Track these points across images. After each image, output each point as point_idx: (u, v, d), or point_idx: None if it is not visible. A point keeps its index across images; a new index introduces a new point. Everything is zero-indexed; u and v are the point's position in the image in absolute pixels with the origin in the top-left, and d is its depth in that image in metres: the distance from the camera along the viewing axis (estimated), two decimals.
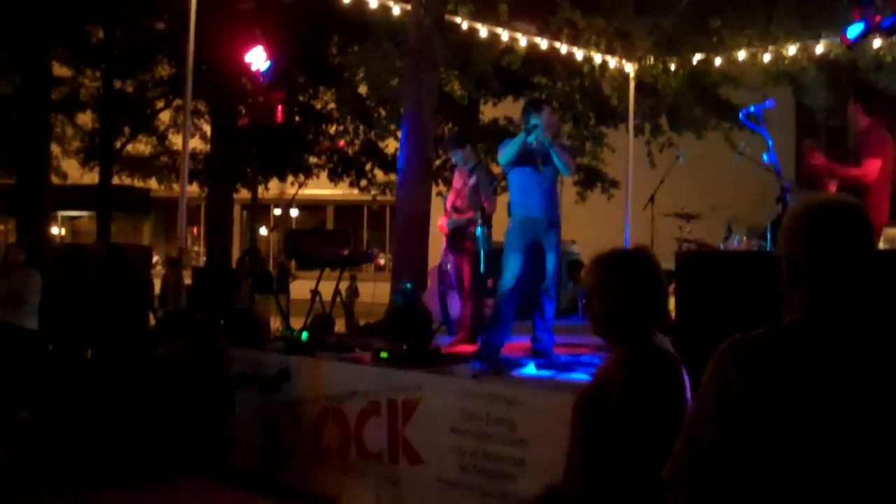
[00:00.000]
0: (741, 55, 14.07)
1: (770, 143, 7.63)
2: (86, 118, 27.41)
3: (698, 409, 2.41)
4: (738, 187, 19.01)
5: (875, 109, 7.67)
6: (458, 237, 9.21)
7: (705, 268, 4.83)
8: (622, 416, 3.08)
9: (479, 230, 8.14)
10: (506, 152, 7.95)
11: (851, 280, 2.34)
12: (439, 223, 9.49)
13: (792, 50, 13.70)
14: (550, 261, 7.95)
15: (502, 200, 9.19)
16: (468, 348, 8.20)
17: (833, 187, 7.61)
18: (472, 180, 8.99)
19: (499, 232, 8.55)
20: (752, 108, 8.31)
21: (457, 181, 9.50)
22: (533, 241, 7.92)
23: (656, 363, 3.20)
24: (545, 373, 7.00)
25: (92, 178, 26.37)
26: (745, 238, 9.30)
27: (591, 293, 3.32)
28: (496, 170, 9.73)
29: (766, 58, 13.93)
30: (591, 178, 25.60)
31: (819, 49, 13.44)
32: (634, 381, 3.13)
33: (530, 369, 7.12)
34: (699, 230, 10.66)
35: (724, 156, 15.25)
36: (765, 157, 7.78)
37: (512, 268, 7.81)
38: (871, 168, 7.34)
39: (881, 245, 8.91)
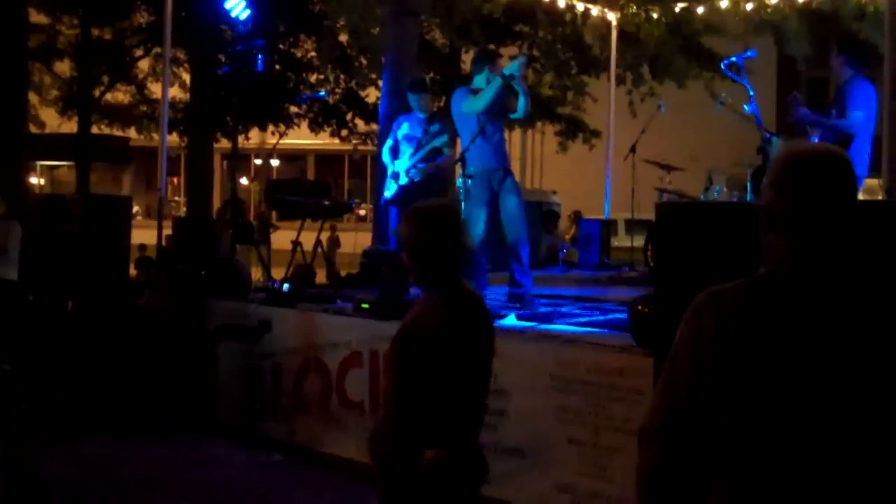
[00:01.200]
0: (723, 3, 14.00)
1: (752, 93, 7.62)
2: (63, 66, 27.08)
3: (673, 363, 2.39)
4: (720, 137, 19.03)
5: (860, 61, 7.68)
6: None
7: (684, 218, 4.84)
8: (437, 352, 3.45)
9: (459, 181, 8.13)
10: (482, 101, 7.96)
11: (833, 230, 2.32)
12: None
13: None
14: (514, 204, 8.04)
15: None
16: None
17: (815, 139, 7.63)
18: (434, 130, 9.10)
19: None
20: (733, 58, 8.30)
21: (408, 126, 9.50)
22: (494, 191, 8.05)
23: (466, 304, 3.61)
24: (526, 324, 7.02)
25: (70, 127, 26.14)
26: (725, 189, 9.32)
27: (404, 244, 3.70)
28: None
29: (749, 6, 13.87)
30: (572, 128, 25.49)
31: None
32: (448, 319, 3.52)
33: (510, 320, 7.15)
34: (680, 180, 10.69)
35: (705, 106, 15.20)
36: (746, 107, 7.78)
37: (479, 220, 7.89)
38: (856, 120, 7.37)
39: (861, 196, 8.95)
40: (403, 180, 9.27)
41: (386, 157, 9.59)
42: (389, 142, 9.65)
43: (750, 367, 2.23)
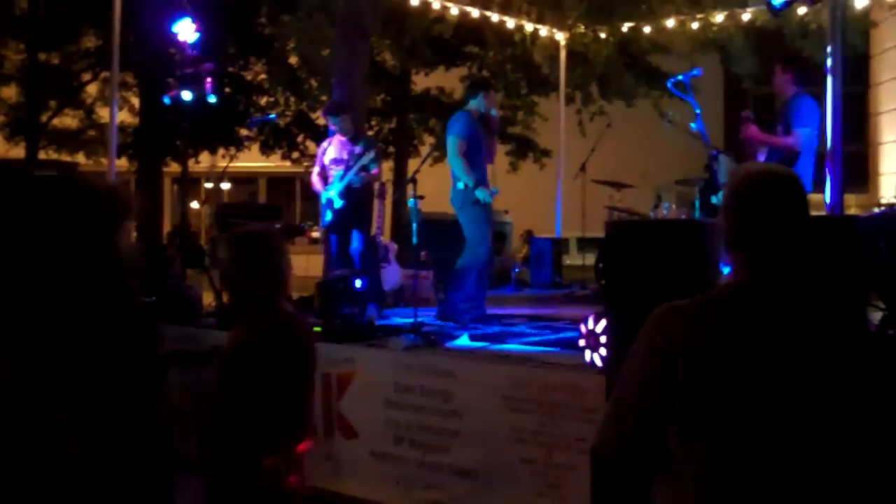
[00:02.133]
0: (670, 23, 14.17)
1: (698, 111, 7.70)
2: (10, 91, 26.75)
3: (625, 377, 2.50)
4: (669, 155, 19.19)
5: (804, 78, 7.80)
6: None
7: (633, 236, 4.87)
8: (254, 372, 3.71)
9: (411, 201, 8.14)
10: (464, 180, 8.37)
11: (785, 246, 2.45)
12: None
13: (720, 17, 13.83)
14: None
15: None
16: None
17: (762, 156, 7.73)
18: (359, 150, 9.17)
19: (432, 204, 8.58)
20: (680, 77, 8.38)
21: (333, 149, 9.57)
22: None
23: (281, 326, 3.82)
24: (478, 344, 7.02)
25: (18, 152, 25.82)
26: (674, 206, 9.39)
27: (224, 268, 3.95)
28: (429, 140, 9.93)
29: (695, 25, 14.04)
30: (522, 148, 25.65)
31: (746, 16, 13.59)
32: (263, 342, 3.74)
33: (463, 340, 7.15)
34: (630, 198, 10.77)
35: (654, 124, 15.36)
36: (692, 125, 7.85)
37: (488, 240, 8.34)
38: (802, 136, 7.49)
39: None
40: (338, 204, 9.29)
41: (316, 183, 9.62)
42: (316, 169, 9.68)
43: (703, 377, 2.32)
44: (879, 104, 16.44)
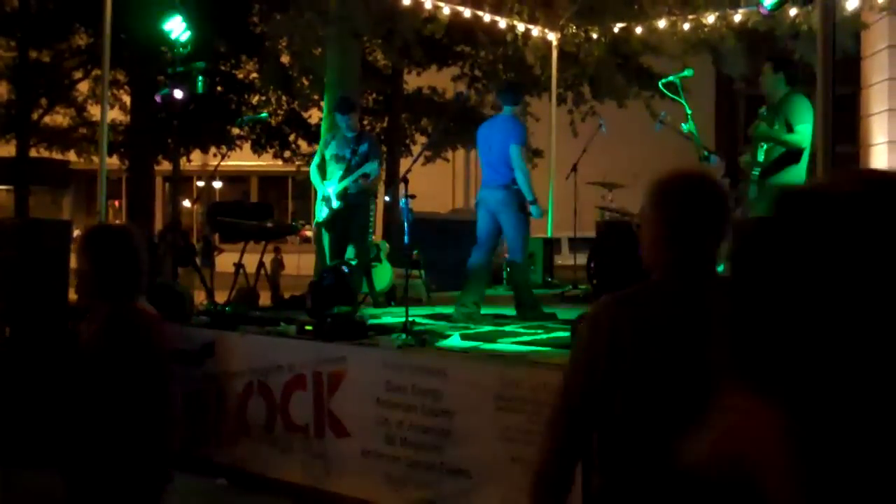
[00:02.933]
0: (661, 23, 14.19)
1: (689, 112, 7.72)
2: (1, 89, 26.76)
3: (573, 362, 2.80)
4: (661, 155, 19.21)
5: (796, 78, 7.83)
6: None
7: (623, 236, 4.89)
8: (98, 366, 3.80)
9: (403, 201, 8.15)
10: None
11: (703, 243, 2.68)
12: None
13: (711, 18, 13.87)
14: None
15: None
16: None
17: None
18: (363, 149, 9.23)
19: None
20: (671, 77, 8.40)
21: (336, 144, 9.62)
22: None
23: (129, 321, 3.89)
24: (469, 343, 7.03)
25: (9, 150, 25.81)
26: None
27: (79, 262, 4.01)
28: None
29: (686, 26, 14.07)
30: None
31: (737, 18, 13.62)
32: (112, 332, 3.83)
33: (455, 340, 7.16)
34: (621, 198, 10.78)
35: (646, 124, 15.35)
36: (684, 126, 7.87)
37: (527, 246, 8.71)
38: (805, 132, 7.53)
39: None
40: (337, 204, 9.31)
41: (314, 175, 9.66)
42: (317, 160, 9.71)
43: (634, 362, 2.62)
44: (870, 106, 16.49)
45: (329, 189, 9.41)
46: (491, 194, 8.60)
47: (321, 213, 9.58)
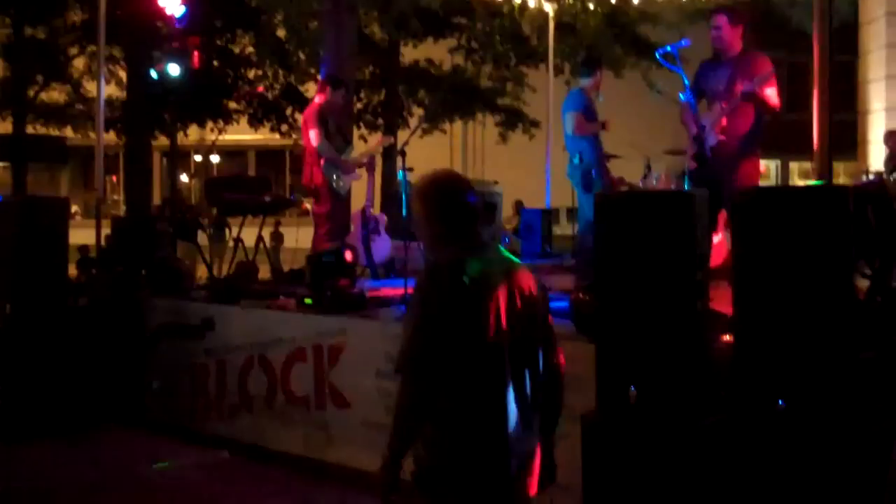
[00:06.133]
0: None
1: (686, 82, 7.66)
2: None
3: (410, 318, 3.38)
4: (658, 124, 19.19)
5: (746, 33, 7.64)
6: None
7: (621, 207, 4.89)
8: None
9: (400, 174, 8.16)
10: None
11: (467, 226, 3.45)
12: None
13: None
14: None
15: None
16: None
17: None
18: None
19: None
20: (668, 48, 8.33)
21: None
22: None
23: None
24: None
25: (5, 127, 25.70)
26: (663, 176, 9.42)
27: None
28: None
29: None
30: (512, 119, 25.62)
31: None
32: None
33: None
34: (619, 168, 10.77)
35: (643, 93, 15.37)
36: (681, 96, 7.82)
37: None
38: (775, 97, 7.41)
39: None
40: None
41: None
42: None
43: (452, 318, 3.26)
44: (868, 72, 16.42)
45: None
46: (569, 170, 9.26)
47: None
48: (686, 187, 8.13)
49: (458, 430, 3.36)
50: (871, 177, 11.08)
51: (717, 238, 7.41)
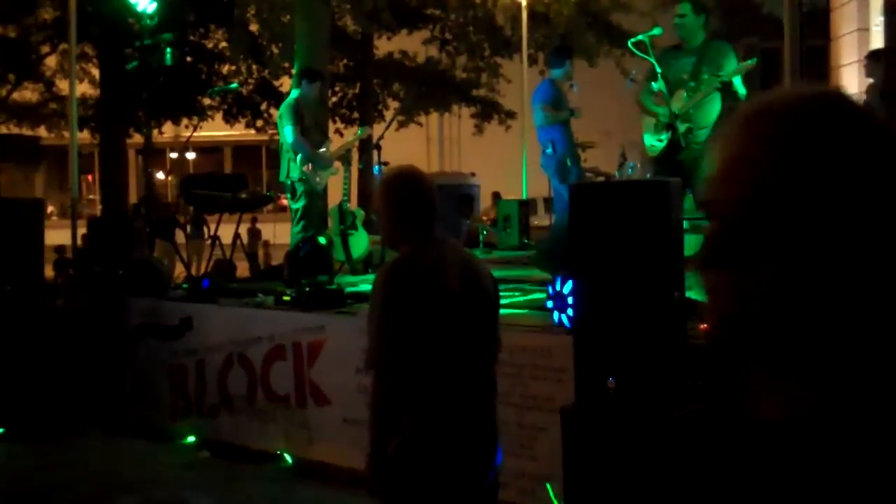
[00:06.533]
0: None
1: (658, 70, 7.68)
2: None
3: (374, 316, 3.48)
4: (633, 113, 19.25)
5: (709, 23, 7.64)
6: None
7: (596, 197, 4.90)
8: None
9: (376, 168, 8.15)
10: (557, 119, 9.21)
11: (424, 222, 3.58)
12: None
13: None
14: None
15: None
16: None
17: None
18: None
19: None
20: (641, 36, 8.33)
21: None
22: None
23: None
24: None
25: None
26: (638, 164, 9.44)
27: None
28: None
29: None
30: (487, 110, 25.61)
31: None
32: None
33: None
34: (595, 158, 10.81)
35: (616, 83, 15.38)
36: (654, 84, 7.84)
37: None
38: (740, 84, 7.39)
39: None
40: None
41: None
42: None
43: (413, 310, 3.40)
44: (840, 57, 16.52)
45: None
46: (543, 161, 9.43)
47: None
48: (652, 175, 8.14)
49: (432, 421, 3.48)
50: None
51: None
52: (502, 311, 6.81)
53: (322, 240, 8.78)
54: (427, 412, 3.48)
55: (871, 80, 9.90)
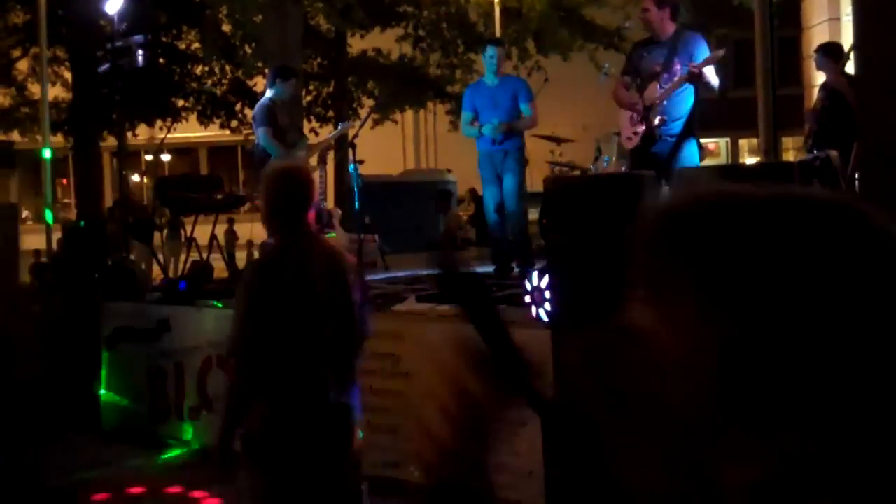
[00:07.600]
0: None
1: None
2: None
3: (237, 307, 3.75)
4: (607, 106, 19.31)
5: (678, 14, 7.62)
6: None
7: (571, 192, 4.91)
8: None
9: (351, 167, 8.14)
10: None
11: (294, 216, 3.77)
12: None
13: None
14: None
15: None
16: None
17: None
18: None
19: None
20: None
21: None
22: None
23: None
24: (424, 304, 7.05)
25: None
26: (613, 158, 9.46)
27: None
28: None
29: None
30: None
31: None
32: None
33: (410, 303, 7.18)
34: (571, 152, 10.81)
35: (590, 77, 15.40)
36: (627, 77, 7.84)
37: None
38: (714, 75, 7.40)
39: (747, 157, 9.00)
40: None
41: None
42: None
43: (269, 308, 3.63)
44: (812, 47, 16.58)
45: None
46: None
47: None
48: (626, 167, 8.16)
49: (286, 404, 3.71)
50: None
51: None
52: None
53: None
54: (281, 398, 3.69)
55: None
